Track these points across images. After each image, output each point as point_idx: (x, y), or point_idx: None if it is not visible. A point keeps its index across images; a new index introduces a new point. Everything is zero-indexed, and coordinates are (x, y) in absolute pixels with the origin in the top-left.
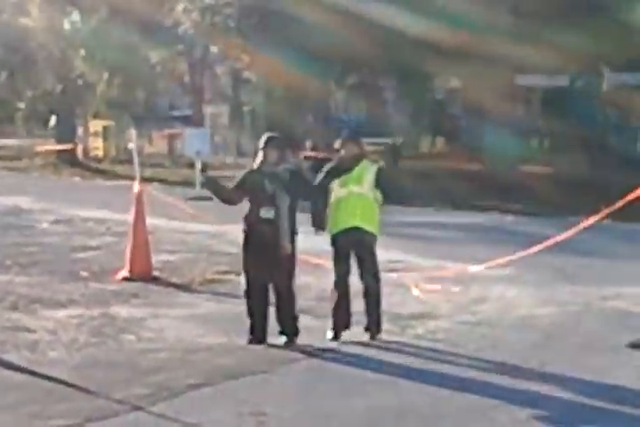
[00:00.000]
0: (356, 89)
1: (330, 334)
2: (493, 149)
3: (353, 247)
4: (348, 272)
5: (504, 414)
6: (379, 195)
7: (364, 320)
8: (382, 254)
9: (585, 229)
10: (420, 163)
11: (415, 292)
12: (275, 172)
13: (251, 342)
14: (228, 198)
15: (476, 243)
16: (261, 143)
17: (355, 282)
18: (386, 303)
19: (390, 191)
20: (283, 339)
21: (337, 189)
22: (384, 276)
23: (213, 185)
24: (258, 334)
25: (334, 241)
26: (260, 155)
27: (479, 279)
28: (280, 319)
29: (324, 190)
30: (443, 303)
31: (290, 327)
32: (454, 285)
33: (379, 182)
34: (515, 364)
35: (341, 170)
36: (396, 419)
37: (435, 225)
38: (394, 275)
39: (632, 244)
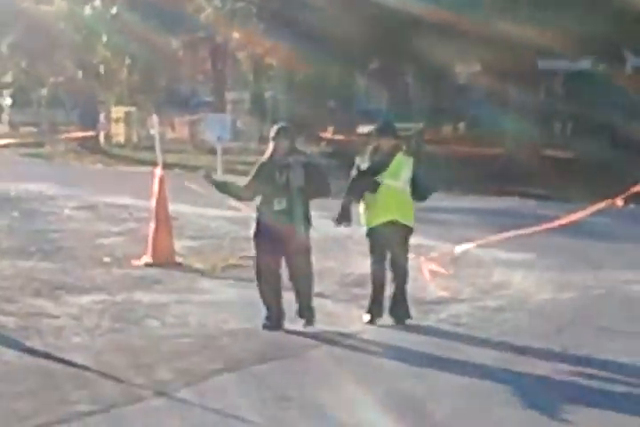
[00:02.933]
0: (377, 74)
1: (366, 318)
2: (515, 133)
3: (387, 240)
4: (384, 263)
5: (527, 399)
6: (423, 188)
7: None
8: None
9: (606, 212)
10: (441, 148)
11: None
12: (286, 163)
13: (265, 327)
14: (242, 196)
15: (497, 228)
16: (272, 134)
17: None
18: (409, 288)
19: (436, 186)
20: (301, 322)
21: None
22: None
23: (223, 187)
24: (272, 320)
25: (370, 234)
26: (271, 145)
27: (502, 263)
28: (299, 302)
29: (358, 190)
30: (465, 288)
31: (308, 310)
32: (477, 269)
33: (420, 176)
34: (537, 348)
35: (378, 167)
36: (417, 405)
37: (457, 209)
38: (416, 259)
39: None
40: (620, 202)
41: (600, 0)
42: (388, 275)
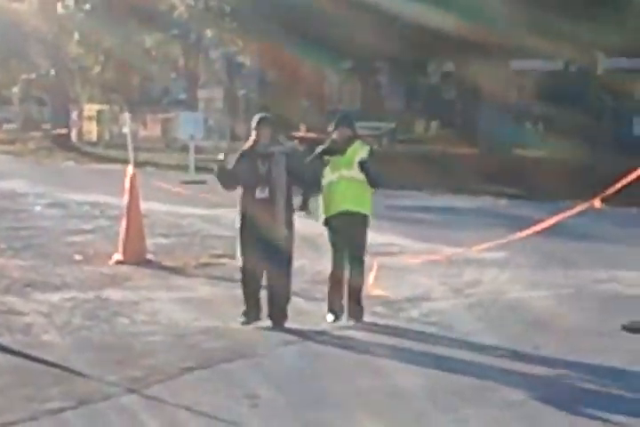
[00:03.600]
0: (351, 73)
1: (330, 318)
2: (488, 133)
3: (345, 230)
4: (344, 255)
5: (497, 396)
6: (371, 175)
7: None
8: (376, 238)
9: (578, 213)
10: (414, 147)
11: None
12: (268, 152)
13: (244, 323)
14: (226, 184)
15: (470, 227)
16: (254, 123)
17: None
18: (380, 286)
19: (384, 175)
20: (268, 323)
21: (328, 174)
22: (379, 259)
23: (224, 173)
24: (251, 316)
25: (328, 224)
26: (253, 134)
27: (473, 262)
28: (271, 302)
29: (316, 174)
30: (437, 286)
31: (281, 311)
32: (448, 268)
33: (367, 166)
34: (508, 346)
35: (332, 151)
36: (389, 401)
37: (429, 209)
38: (387, 258)
39: (625, 228)
40: (597, 203)
41: (572, 1)
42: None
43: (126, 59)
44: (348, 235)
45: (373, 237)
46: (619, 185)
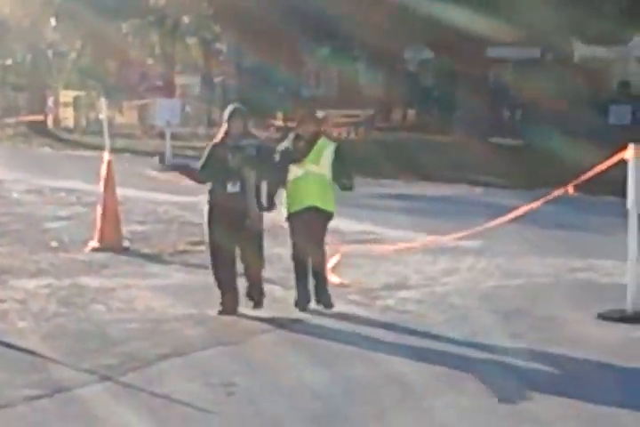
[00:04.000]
0: (328, 60)
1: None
2: (464, 121)
3: (307, 225)
4: (306, 251)
5: (473, 385)
6: (343, 175)
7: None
8: (352, 226)
9: (555, 201)
10: (391, 135)
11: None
12: (238, 145)
13: (221, 313)
14: (200, 179)
15: (446, 215)
16: (226, 115)
17: None
18: (355, 274)
19: (361, 163)
20: (249, 305)
21: (294, 169)
22: (354, 247)
23: (188, 172)
24: (228, 306)
25: (290, 219)
26: (224, 126)
27: (449, 251)
28: (250, 285)
29: (281, 174)
30: (413, 275)
31: (258, 291)
32: (424, 256)
33: (341, 163)
34: (484, 335)
35: (298, 153)
36: (364, 390)
37: (405, 197)
38: (363, 246)
39: (601, 216)
40: (571, 190)
41: None
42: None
43: (103, 45)
44: (310, 230)
45: (350, 225)
46: (592, 172)
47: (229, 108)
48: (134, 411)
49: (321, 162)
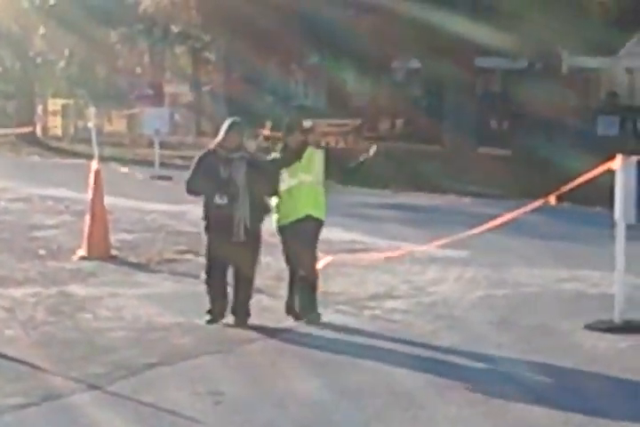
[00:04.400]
0: (316, 70)
1: (291, 319)
2: (452, 131)
3: (300, 234)
4: (299, 257)
5: (459, 395)
6: (342, 166)
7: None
8: (341, 235)
9: (542, 211)
10: (379, 144)
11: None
12: (230, 157)
13: (209, 322)
14: (190, 189)
15: (433, 224)
16: (224, 126)
17: None
18: (344, 284)
19: (349, 170)
20: (231, 319)
21: (287, 179)
22: (343, 257)
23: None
24: (215, 315)
25: (284, 231)
26: (220, 137)
27: (436, 261)
28: (235, 300)
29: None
30: (401, 284)
31: (243, 308)
32: (412, 266)
33: (331, 161)
34: (470, 345)
35: (288, 162)
36: (351, 399)
37: (393, 206)
38: (351, 256)
39: (589, 226)
40: (553, 200)
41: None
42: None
43: (91, 53)
44: (303, 239)
45: (337, 234)
46: (576, 182)
47: (228, 120)
48: (122, 420)
49: (313, 170)
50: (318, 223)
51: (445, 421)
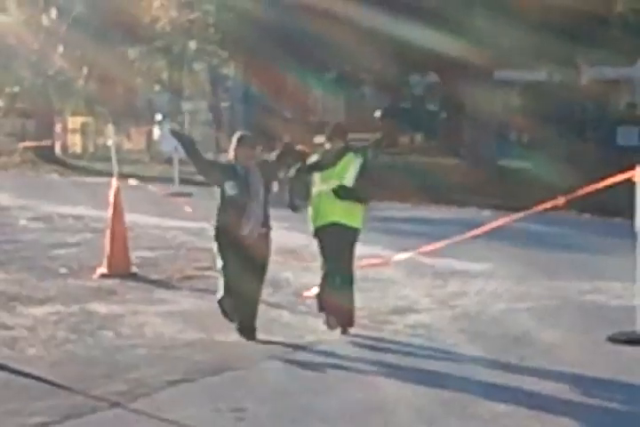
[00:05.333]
0: (335, 85)
1: (335, 331)
2: (472, 144)
3: (333, 241)
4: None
5: (483, 409)
6: (360, 190)
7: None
8: (361, 249)
9: (561, 223)
10: (398, 158)
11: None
12: (246, 169)
13: (250, 339)
14: (200, 164)
15: (453, 238)
16: (233, 142)
17: None
18: (365, 298)
19: (370, 190)
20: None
21: (319, 184)
22: (363, 271)
23: (182, 137)
24: (247, 330)
25: (317, 234)
26: (232, 154)
27: (458, 274)
28: (243, 314)
29: (301, 176)
30: (422, 298)
31: (252, 323)
32: (433, 280)
33: (362, 178)
34: (493, 358)
35: (323, 165)
36: (374, 415)
37: (413, 220)
38: (372, 270)
39: (609, 238)
40: (562, 201)
41: (555, 11)
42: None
43: (110, 71)
44: (335, 249)
45: (358, 248)
46: (590, 188)
47: (236, 135)
48: None
49: (346, 177)
50: (350, 230)
51: None
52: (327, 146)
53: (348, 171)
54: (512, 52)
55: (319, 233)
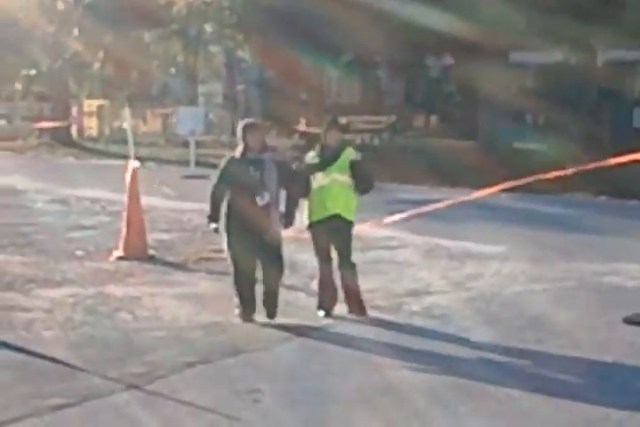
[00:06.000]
0: (350, 67)
1: (321, 313)
2: (487, 126)
3: (331, 234)
4: (330, 256)
5: (498, 391)
6: (361, 185)
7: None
8: (377, 232)
9: (577, 205)
10: (414, 141)
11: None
12: (259, 158)
13: (245, 320)
14: (215, 196)
15: (469, 220)
16: (239, 131)
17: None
18: (380, 280)
19: (385, 169)
20: (263, 318)
21: (320, 178)
22: (379, 253)
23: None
24: (247, 313)
25: (313, 229)
26: (241, 144)
27: (473, 256)
28: (265, 294)
29: (303, 182)
30: (438, 280)
31: (272, 302)
32: (449, 262)
33: (361, 172)
34: (509, 341)
35: (324, 162)
36: (388, 397)
37: (428, 202)
38: (388, 252)
39: (625, 220)
40: (569, 171)
41: None
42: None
43: (125, 54)
44: (335, 239)
45: (373, 230)
46: (601, 164)
47: (242, 123)
48: (162, 419)
49: (347, 171)
50: (349, 223)
51: (487, 417)
52: (326, 139)
53: (348, 165)
54: (527, 35)
55: (318, 226)
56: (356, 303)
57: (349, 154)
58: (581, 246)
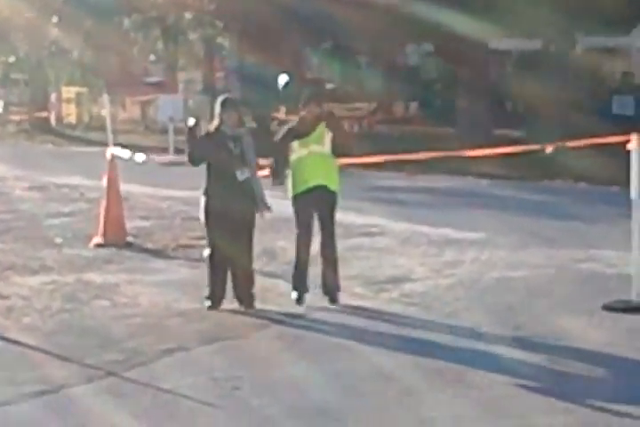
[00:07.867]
0: (330, 54)
1: (294, 295)
2: (467, 113)
3: (315, 206)
4: (310, 235)
5: (479, 377)
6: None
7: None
8: (356, 218)
9: (557, 192)
10: (393, 128)
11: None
12: (237, 134)
13: (211, 308)
14: (197, 159)
15: (450, 206)
16: (218, 106)
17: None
18: (360, 267)
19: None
20: (235, 305)
21: (298, 149)
22: (359, 240)
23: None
24: (215, 301)
25: (296, 201)
26: (217, 118)
27: (453, 243)
28: (239, 286)
29: (282, 149)
30: (417, 267)
31: (250, 294)
32: (428, 248)
33: (338, 130)
34: (489, 327)
35: (301, 132)
36: (369, 384)
37: (409, 189)
38: (367, 239)
39: (604, 206)
40: (549, 148)
41: None
42: (315, 248)
43: (104, 41)
44: (318, 210)
45: (353, 218)
46: (582, 142)
47: (220, 98)
48: (140, 406)
49: (324, 142)
50: (332, 193)
51: (468, 403)
52: (302, 113)
53: (326, 135)
54: (507, 22)
55: (301, 198)
56: (334, 284)
57: (323, 128)
58: (561, 233)
